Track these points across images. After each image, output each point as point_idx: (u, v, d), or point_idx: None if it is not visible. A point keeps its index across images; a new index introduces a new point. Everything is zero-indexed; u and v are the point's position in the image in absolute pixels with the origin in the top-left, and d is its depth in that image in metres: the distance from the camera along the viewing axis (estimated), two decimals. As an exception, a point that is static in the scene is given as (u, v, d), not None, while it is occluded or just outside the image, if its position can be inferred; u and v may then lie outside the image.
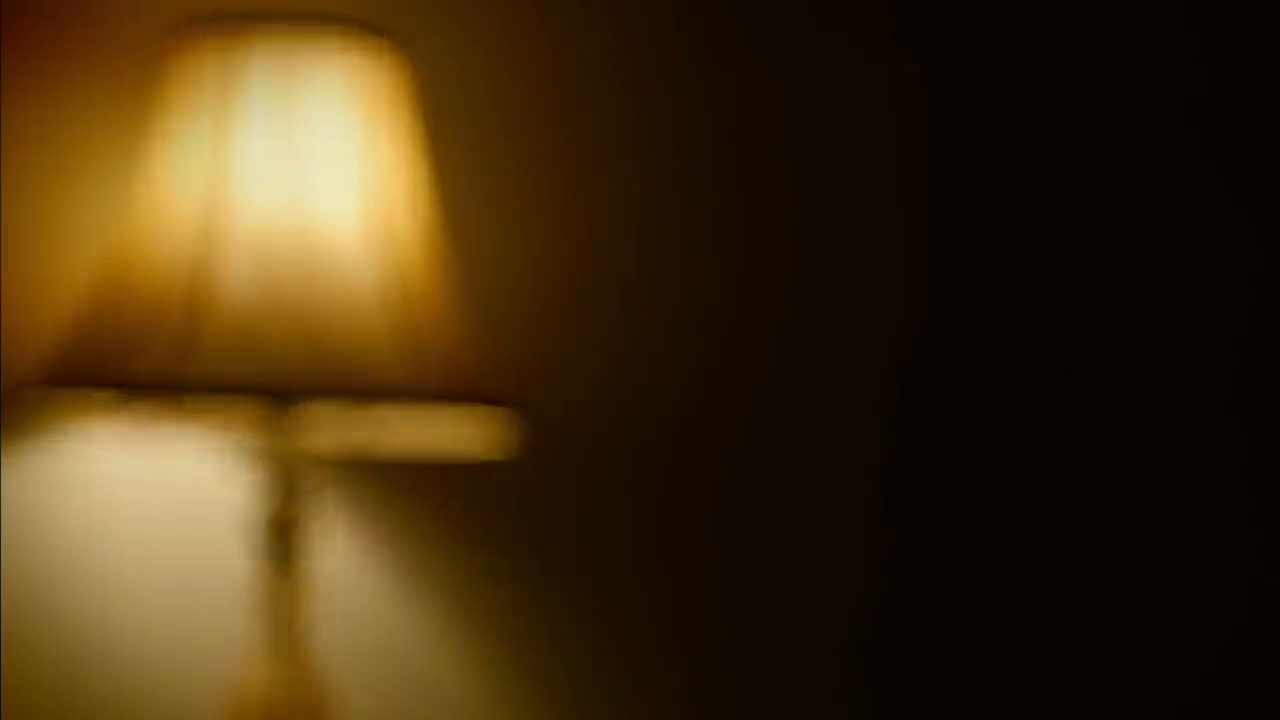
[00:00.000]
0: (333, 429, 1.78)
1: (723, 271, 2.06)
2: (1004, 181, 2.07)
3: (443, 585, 1.95)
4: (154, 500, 1.83)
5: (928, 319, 2.05)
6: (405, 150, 1.71)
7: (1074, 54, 2.11)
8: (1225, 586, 2.09)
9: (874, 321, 2.04)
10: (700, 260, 2.06)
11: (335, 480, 1.80)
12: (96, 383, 1.58)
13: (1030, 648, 2.07)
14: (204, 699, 1.81)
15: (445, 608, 1.95)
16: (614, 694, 2.01)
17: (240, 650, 1.73)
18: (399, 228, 1.67)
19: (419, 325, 1.63)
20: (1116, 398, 2.09)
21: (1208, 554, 2.09)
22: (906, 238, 2.05)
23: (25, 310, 1.78)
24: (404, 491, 1.93)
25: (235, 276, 1.57)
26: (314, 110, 1.64)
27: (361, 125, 1.66)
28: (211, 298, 1.56)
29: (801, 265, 2.02)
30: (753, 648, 1.93)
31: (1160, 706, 2.08)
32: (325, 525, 1.72)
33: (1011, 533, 2.06)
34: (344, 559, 1.89)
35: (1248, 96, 2.12)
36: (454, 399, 1.64)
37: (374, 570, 1.92)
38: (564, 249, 2.00)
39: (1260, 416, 2.11)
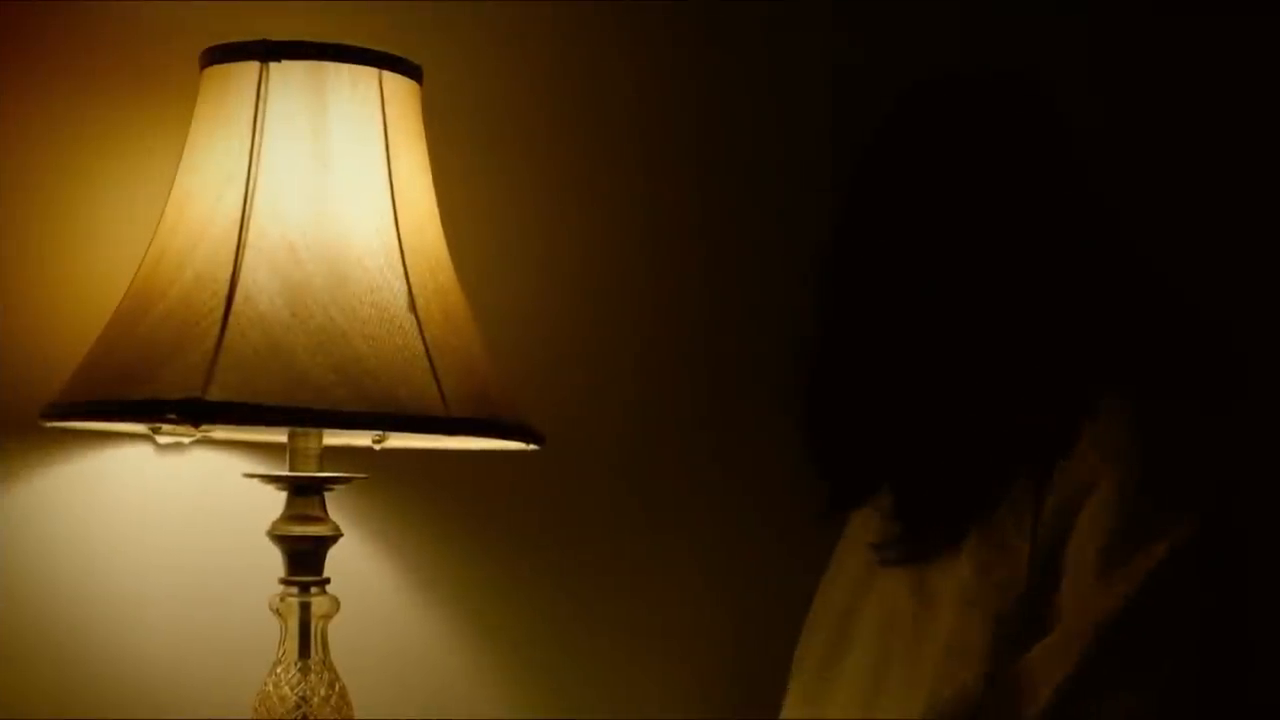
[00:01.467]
0: (353, 439, 1.81)
1: (722, 276, 2.09)
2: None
3: (453, 589, 1.99)
4: (175, 511, 1.87)
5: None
6: (425, 168, 1.74)
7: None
8: None
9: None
10: (700, 266, 2.09)
11: (352, 488, 1.83)
12: (120, 396, 1.60)
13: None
14: (222, 705, 1.84)
15: (455, 611, 1.99)
16: (621, 694, 2.04)
17: (259, 659, 1.76)
18: (423, 244, 1.69)
19: (444, 341, 1.65)
20: None
21: None
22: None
23: (36, 319, 1.81)
24: (417, 497, 1.96)
25: (262, 292, 1.59)
26: (339, 130, 1.67)
27: (385, 144, 1.69)
28: (238, 313, 1.58)
29: (803, 268, 2.03)
30: (765, 648, 1.94)
31: None
32: (342, 531, 1.75)
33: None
34: (358, 564, 1.92)
35: None
36: (476, 419, 1.66)
37: (386, 575, 1.96)
38: (570, 255, 2.04)
39: None
